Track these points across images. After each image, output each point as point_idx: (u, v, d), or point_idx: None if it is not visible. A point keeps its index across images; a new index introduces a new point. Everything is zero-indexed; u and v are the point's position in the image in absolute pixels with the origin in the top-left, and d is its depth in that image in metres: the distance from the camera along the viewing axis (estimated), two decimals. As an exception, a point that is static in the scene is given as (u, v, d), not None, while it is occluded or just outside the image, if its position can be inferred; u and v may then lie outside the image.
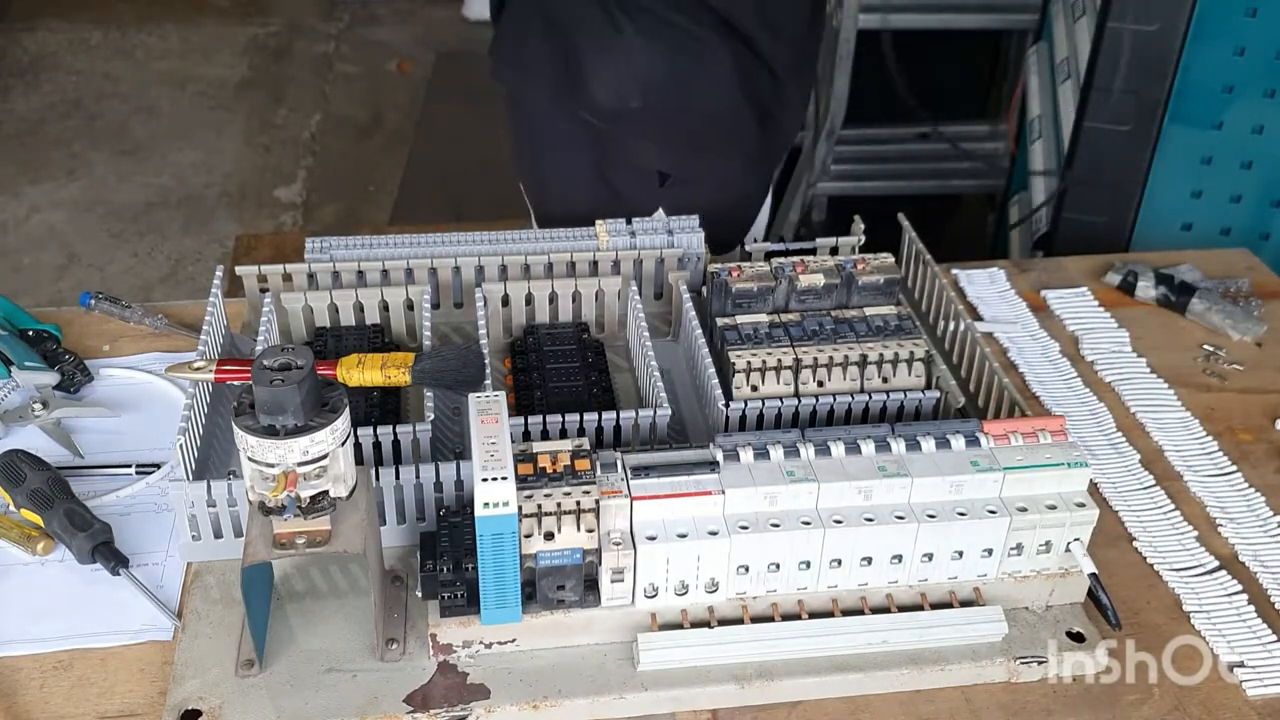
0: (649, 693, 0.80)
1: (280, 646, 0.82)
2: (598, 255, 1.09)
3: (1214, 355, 1.17)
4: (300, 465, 0.73)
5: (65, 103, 3.47)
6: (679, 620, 0.82)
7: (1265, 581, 0.91)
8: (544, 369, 1.02)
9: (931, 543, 0.82)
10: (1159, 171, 1.64)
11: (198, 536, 0.88)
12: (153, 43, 3.80)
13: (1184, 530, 0.96)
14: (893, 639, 0.83)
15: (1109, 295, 1.25)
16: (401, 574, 0.88)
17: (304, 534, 0.76)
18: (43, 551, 0.89)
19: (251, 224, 3.01)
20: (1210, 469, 1.03)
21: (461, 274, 1.10)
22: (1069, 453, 0.85)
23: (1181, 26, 1.54)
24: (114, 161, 3.22)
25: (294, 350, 0.75)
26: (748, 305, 1.02)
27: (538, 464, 0.79)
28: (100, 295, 1.16)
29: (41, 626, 0.85)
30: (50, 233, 2.95)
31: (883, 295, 1.03)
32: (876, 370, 0.97)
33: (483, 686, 0.80)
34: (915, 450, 0.84)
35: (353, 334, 1.04)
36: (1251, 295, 1.25)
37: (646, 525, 0.80)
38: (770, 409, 0.94)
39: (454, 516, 0.83)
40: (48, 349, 1.08)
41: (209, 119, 3.41)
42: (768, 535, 0.80)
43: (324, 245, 1.09)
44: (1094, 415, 1.08)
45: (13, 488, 0.91)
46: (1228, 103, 1.58)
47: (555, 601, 0.80)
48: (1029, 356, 1.15)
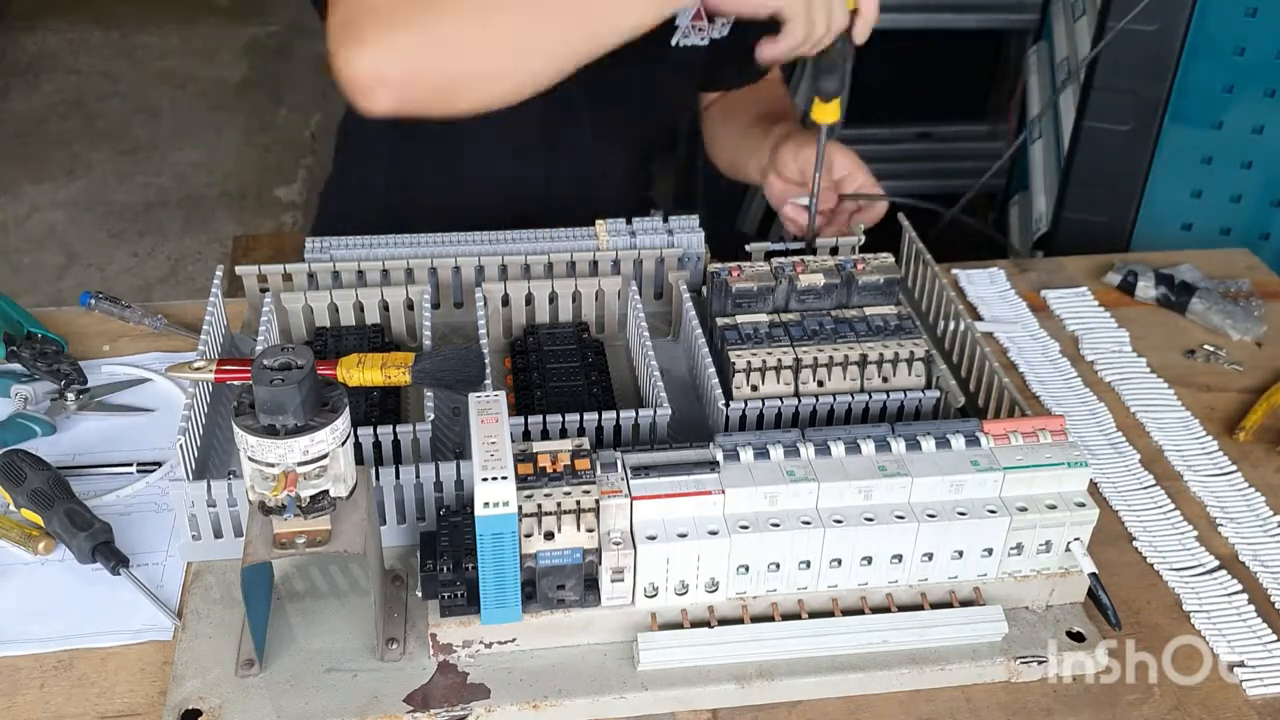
0: (649, 692, 0.80)
1: (280, 646, 0.82)
2: (598, 255, 1.09)
3: (1214, 355, 1.17)
4: (300, 465, 0.73)
5: (65, 103, 3.47)
6: (679, 620, 0.82)
7: (1265, 581, 0.92)
8: (544, 369, 1.02)
9: (931, 542, 0.82)
10: (1159, 171, 1.65)
11: (198, 536, 0.88)
12: (153, 43, 3.80)
13: (1184, 530, 0.96)
14: (893, 639, 0.83)
15: (1109, 295, 1.25)
16: (401, 574, 0.88)
17: (304, 534, 0.76)
18: (43, 551, 0.89)
19: (251, 224, 3.01)
20: (1210, 469, 1.03)
21: (461, 274, 1.10)
22: (1069, 452, 0.85)
23: (1181, 26, 1.54)
24: (114, 161, 3.22)
25: (294, 350, 0.75)
26: (748, 305, 1.02)
27: (538, 464, 0.79)
28: (100, 295, 1.16)
29: (42, 626, 0.85)
30: (50, 232, 2.95)
31: (883, 295, 1.03)
32: (876, 370, 0.97)
33: (483, 686, 0.80)
34: (915, 450, 0.84)
35: (353, 334, 1.04)
36: (1251, 295, 1.25)
37: (646, 525, 0.80)
38: (770, 409, 0.94)
39: (454, 516, 0.83)
40: (46, 349, 1.07)
41: (209, 119, 3.41)
42: (768, 535, 0.80)
43: (324, 245, 1.09)
44: (1094, 415, 1.08)
45: (13, 487, 0.91)
46: (1228, 103, 1.58)
47: (555, 601, 0.81)
48: (1029, 356, 1.15)
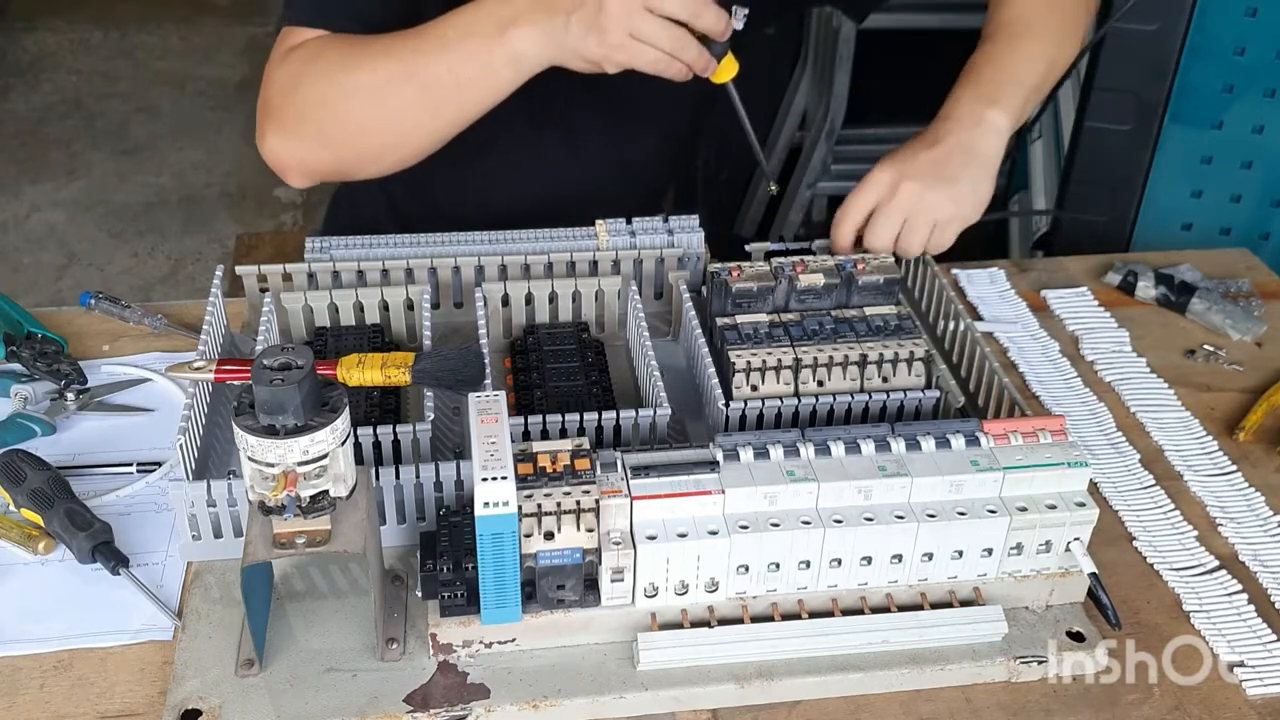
0: (649, 692, 0.80)
1: (280, 646, 0.82)
2: (598, 255, 1.09)
3: (1214, 355, 1.17)
4: (300, 465, 0.73)
5: (65, 103, 3.48)
6: (679, 620, 0.82)
7: (1265, 581, 0.91)
8: (544, 369, 1.02)
9: (931, 542, 0.82)
10: (1159, 171, 1.64)
11: (198, 536, 0.88)
12: (153, 43, 3.80)
13: (1184, 530, 0.96)
14: (893, 639, 0.83)
15: (1109, 295, 1.25)
16: (401, 574, 0.88)
17: (304, 534, 0.76)
18: (43, 551, 0.89)
19: (251, 224, 3.01)
20: (1210, 469, 1.03)
21: (461, 274, 1.10)
22: (1069, 452, 0.85)
23: (1181, 26, 1.54)
24: (114, 161, 3.22)
25: (294, 350, 0.75)
26: (748, 305, 1.02)
27: (538, 464, 0.79)
28: (100, 295, 1.16)
29: (41, 626, 0.85)
30: (50, 232, 2.95)
31: (883, 295, 1.03)
32: (876, 370, 0.97)
33: (483, 686, 0.80)
34: (915, 450, 0.84)
35: (353, 334, 1.04)
36: (1251, 295, 1.25)
37: (646, 525, 0.80)
38: (770, 409, 0.94)
39: (454, 516, 0.83)
40: (46, 349, 1.07)
41: (209, 119, 3.41)
42: (768, 535, 0.80)
43: (324, 245, 1.09)
44: (1094, 415, 1.08)
45: (13, 487, 0.91)
46: (1228, 103, 1.58)
47: (555, 601, 0.81)
48: (1029, 356, 1.15)
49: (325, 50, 1.03)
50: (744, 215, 2.67)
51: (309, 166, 1.06)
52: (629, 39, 0.92)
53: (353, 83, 1.01)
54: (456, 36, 0.98)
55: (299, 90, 1.03)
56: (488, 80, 0.99)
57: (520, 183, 1.27)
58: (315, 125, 1.04)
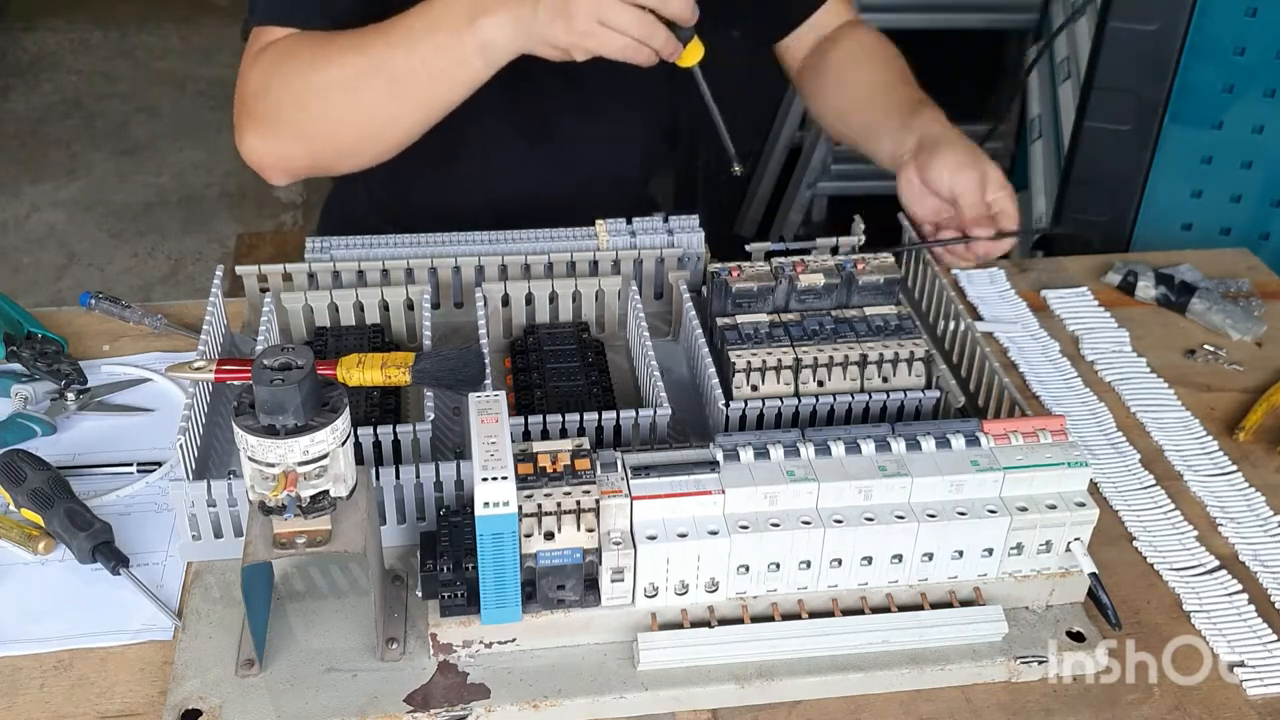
0: (649, 692, 0.80)
1: (280, 646, 0.82)
2: (598, 255, 1.09)
3: (1214, 355, 1.17)
4: (300, 465, 0.73)
5: (65, 103, 3.48)
6: (679, 620, 0.82)
7: (1265, 581, 0.91)
8: (544, 369, 1.02)
9: (931, 542, 0.82)
10: (1159, 171, 1.64)
11: (198, 536, 0.88)
12: (153, 43, 3.80)
13: (1184, 530, 0.96)
14: (893, 639, 0.83)
15: (1109, 295, 1.25)
16: (401, 574, 0.88)
17: (304, 534, 0.76)
18: (43, 551, 0.89)
19: (251, 224, 3.01)
20: (1210, 469, 1.03)
21: (461, 274, 1.10)
22: (1069, 452, 0.85)
23: (1181, 26, 1.54)
24: (114, 161, 3.22)
25: (294, 350, 0.75)
26: (748, 305, 1.02)
27: (538, 464, 0.79)
28: (100, 295, 1.16)
29: (41, 626, 0.85)
30: (50, 232, 2.95)
31: (883, 295, 1.03)
32: (876, 370, 0.97)
33: (483, 686, 0.80)
34: (915, 450, 0.84)
35: (353, 334, 1.04)
36: (1251, 295, 1.25)
37: (646, 525, 0.80)
38: (770, 409, 0.94)
39: (454, 516, 0.83)
40: (46, 349, 1.07)
41: (209, 119, 3.41)
42: (768, 535, 0.80)
43: (324, 245, 1.09)
44: (1094, 415, 1.08)
45: (13, 487, 0.91)
46: (1228, 103, 1.57)
47: (555, 601, 0.80)
48: (1029, 356, 1.15)
49: (296, 48, 1.04)
50: (744, 215, 2.67)
51: (288, 164, 1.08)
52: (597, 25, 0.93)
53: (324, 79, 1.02)
54: (425, 28, 0.99)
55: (273, 89, 1.04)
56: (459, 71, 1.00)
57: (501, 180, 1.27)
58: (291, 123, 1.05)
